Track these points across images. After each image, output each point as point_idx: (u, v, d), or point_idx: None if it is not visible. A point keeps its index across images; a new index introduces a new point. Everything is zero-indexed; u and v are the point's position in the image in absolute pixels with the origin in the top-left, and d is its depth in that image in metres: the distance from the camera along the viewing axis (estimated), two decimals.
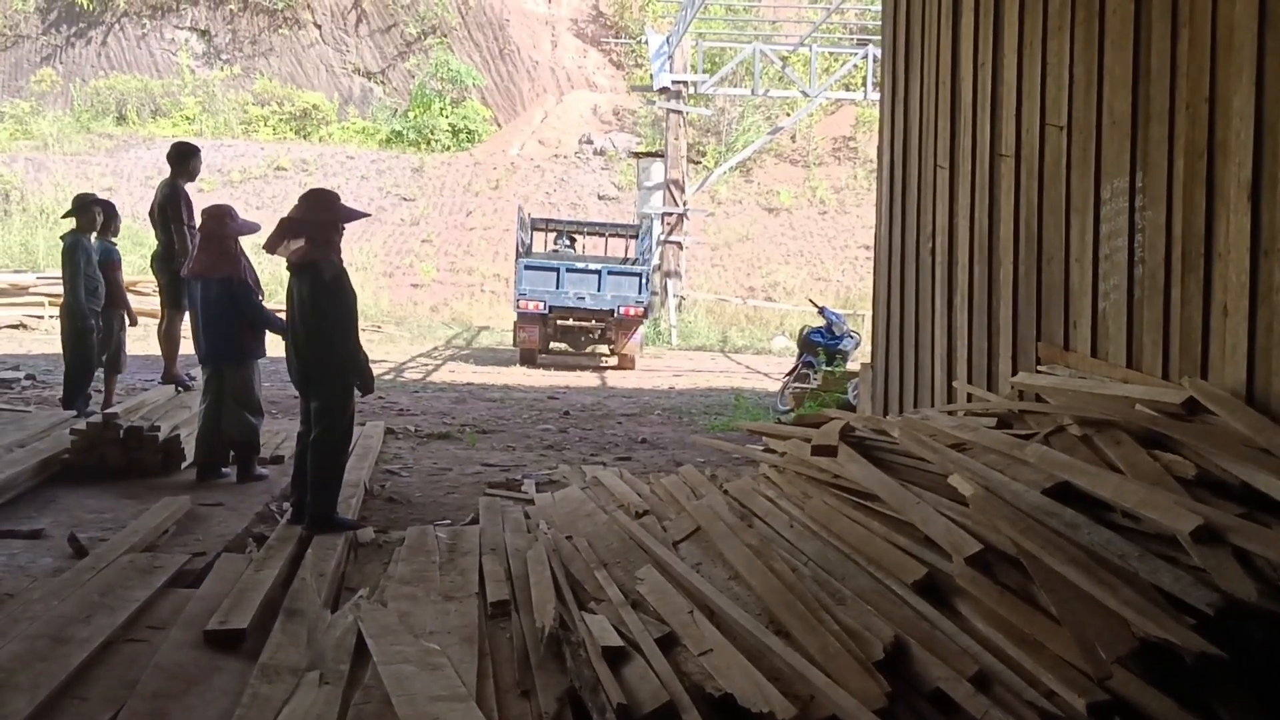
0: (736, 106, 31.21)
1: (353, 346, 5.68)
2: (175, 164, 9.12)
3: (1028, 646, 3.04)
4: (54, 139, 31.94)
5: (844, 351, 12.12)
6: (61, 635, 3.72)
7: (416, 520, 6.14)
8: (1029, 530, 3.32)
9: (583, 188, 30.47)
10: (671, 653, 3.55)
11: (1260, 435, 3.55)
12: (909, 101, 7.27)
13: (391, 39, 36.67)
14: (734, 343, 23.26)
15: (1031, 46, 5.57)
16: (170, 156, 9.19)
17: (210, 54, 36.78)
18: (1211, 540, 2.93)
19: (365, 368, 5.77)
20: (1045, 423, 4.42)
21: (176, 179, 9.04)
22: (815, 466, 4.81)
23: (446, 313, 25.79)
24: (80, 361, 8.82)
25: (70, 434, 6.87)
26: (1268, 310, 3.80)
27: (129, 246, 24.16)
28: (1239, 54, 3.97)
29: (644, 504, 5.67)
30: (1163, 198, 4.45)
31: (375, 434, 8.85)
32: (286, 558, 4.91)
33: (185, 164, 9.12)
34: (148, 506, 5.78)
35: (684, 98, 24.85)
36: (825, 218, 29.74)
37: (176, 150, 9.19)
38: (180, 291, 8.37)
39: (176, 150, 9.19)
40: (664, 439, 9.95)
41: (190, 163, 9.13)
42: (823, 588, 3.87)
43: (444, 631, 3.94)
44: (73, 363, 8.85)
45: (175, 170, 9.08)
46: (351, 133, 34.73)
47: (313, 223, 5.62)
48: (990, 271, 5.99)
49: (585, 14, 37.00)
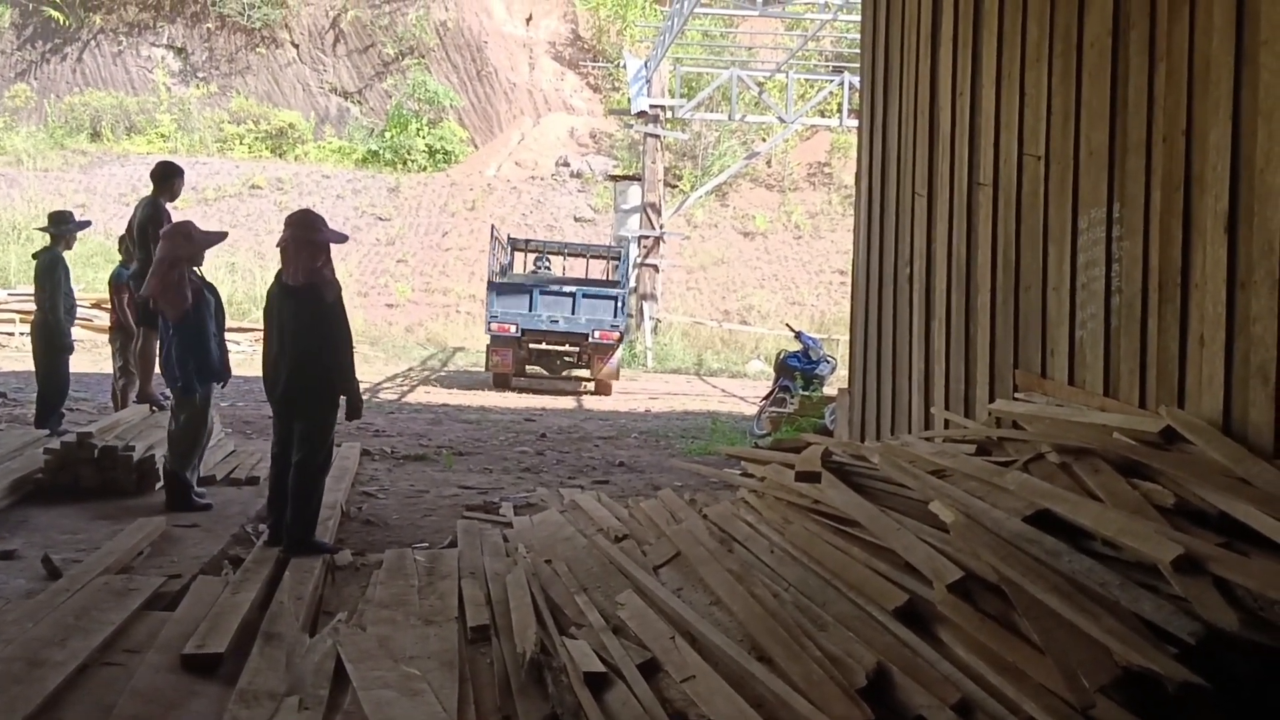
0: (713, 131, 31.42)
1: (351, 369, 5.66)
2: (158, 183, 9.05)
3: (1010, 674, 3.05)
4: (27, 155, 31.71)
5: (820, 376, 12.17)
6: (36, 658, 3.67)
7: (394, 543, 6.11)
8: (1010, 557, 3.34)
9: (559, 210, 30.52)
10: (654, 679, 3.54)
11: (1238, 465, 3.58)
12: (887, 129, 7.33)
13: (369, 59, 36.70)
14: (709, 366, 23.31)
15: (1009, 77, 5.63)
16: (154, 175, 9.12)
17: (186, 72, 36.69)
18: (1192, 569, 2.95)
19: (359, 392, 5.77)
20: (1024, 450, 4.45)
21: (158, 197, 8.98)
22: (795, 492, 4.82)
23: (421, 333, 25.72)
24: (54, 380, 8.74)
25: (44, 453, 6.79)
26: (1244, 341, 3.85)
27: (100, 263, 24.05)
28: (1216, 88, 4.03)
29: (623, 528, 5.65)
30: (1140, 228, 4.50)
31: (351, 455, 8.81)
32: (263, 580, 4.87)
33: (169, 183, 9.06)
34: (122, 527, 5.73)
35: (661, 122, 24.99)
36: (800, 242, 29.91)
37: (161, 169, 9.12)
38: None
39: (161, 169, 9.12)
40: (641, 462, 9.95)
41: (174, 182, 9.07)
42: (804, 614, 3.87)
43: (424, 656, 3.92)
44: (46, 381, 8.76)
45: (158, 189, 9.02)
46: (328, 152, 34.70)
47: (315, 243, 5.60)
48: (968, 298, 6.04)
49: (563, 37, 37.17)
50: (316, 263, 5.57)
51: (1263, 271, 3.75)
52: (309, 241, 5.59)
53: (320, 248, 5.62)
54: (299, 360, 5.57)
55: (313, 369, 5.57)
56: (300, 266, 5.55)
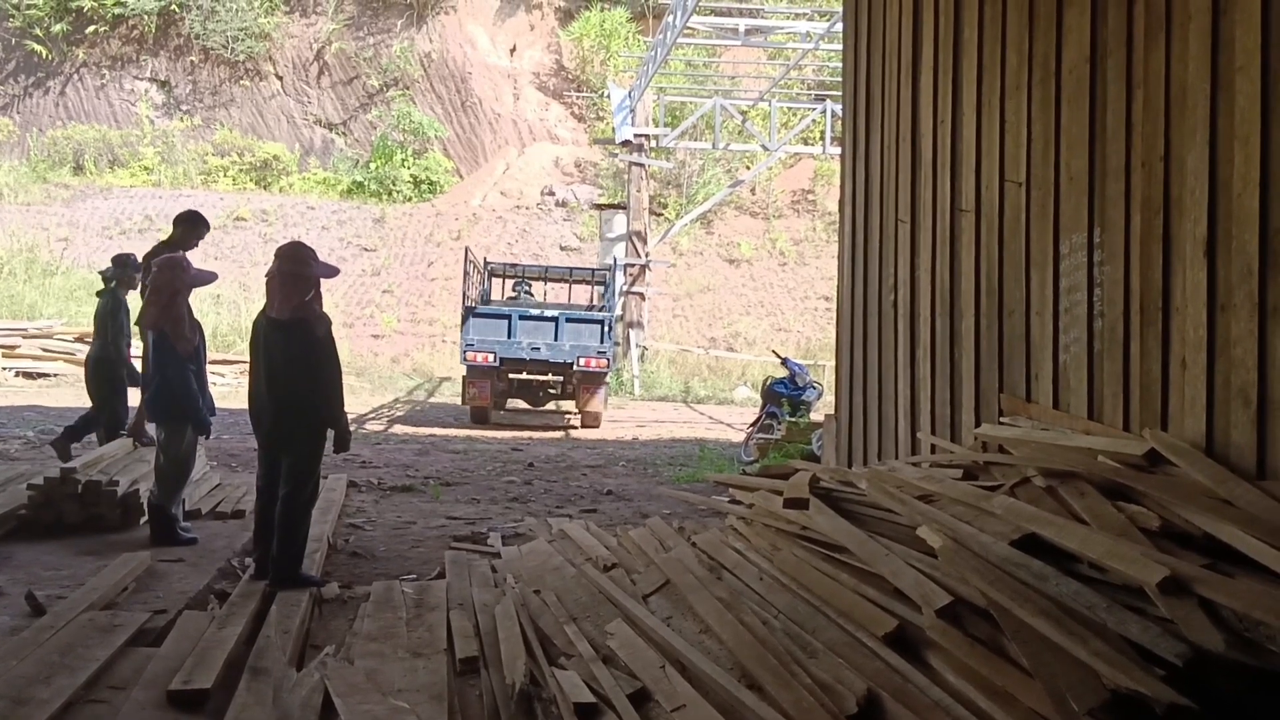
0: (697, 159, 31.56)
1: (340, 403, 5.65)
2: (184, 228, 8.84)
3: (999, 698, 3.06)
4: (9, 189, 31.63)
5: (807, 402, 12.21)
6: (21, 696, 3.64)
7: (381, 575, 6.08)
8: (998, 582, 3.35)
9: (545, 239, 30.57)
10: (644, 708, 3.54)
11: (1221, 486, 3.61)
12: (870, 157, 7.39)
13: (353, 90, 36.80)
14: (696, 393, 23.33)
15: (990, 105, 5.69)
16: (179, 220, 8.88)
17: (170, 104, 36.72)
18: (1178, 591, 2.97)
19: (347, 426, 5.76)
20: (1010, 474, 4.47)
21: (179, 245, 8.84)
22: (783, 518, 4.83)
23: (407, 363, 25.67)
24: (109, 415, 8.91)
25: (27, 489, 6.75)
26: (1225, 363, 3.88)
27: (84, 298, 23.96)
28: (1192, 114, 4.09)
29: (612, 557, 5.65)
30: (1120, 253, 4.55)
31: (338, 487, 8.77)
32: (250, 614, 4.83)
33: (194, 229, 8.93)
34: (106, 563, 5.69)
35: (646, 151, 25.11)
36: (785, 269, 30.01)
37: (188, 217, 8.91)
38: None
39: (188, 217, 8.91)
40: (629, 490, 9.94)
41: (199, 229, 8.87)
42: (794, 641, 3.87)
43: (413, 689, 3.90)
44: (99, 414, 8.98)
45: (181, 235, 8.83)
46: (312, 183, 34.71)
47: (304, 277, 5.59)
48: (952, 324, 6.08)
49: (547, 68, 37.35)
50: (304, 297, 5.56)
51: (1242, 294, 3.79)
52: (297, 275, 5.57)
53: (309, 282, 5.60)
54: (287, 394, 5.54)
55: (301, 403, 5.54)
56: (287, 299, 5.54)
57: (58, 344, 21.09)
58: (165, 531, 6.52)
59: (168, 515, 6.55)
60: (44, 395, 17.83)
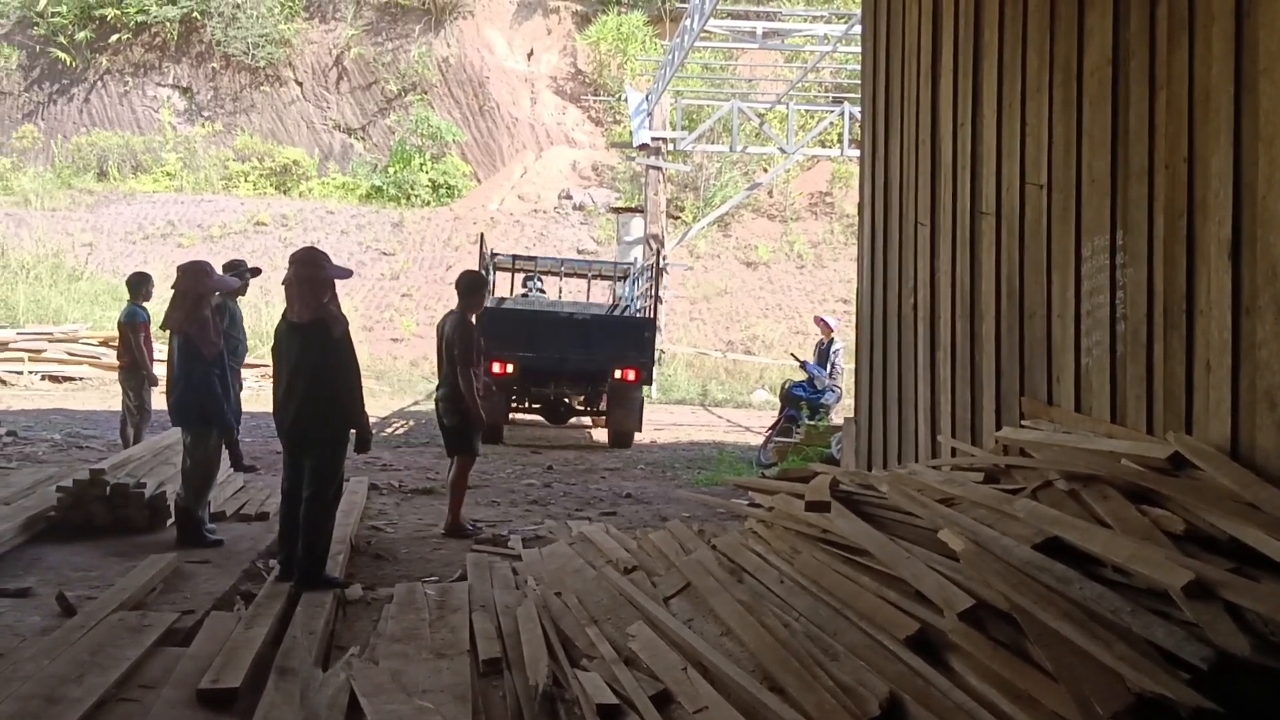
0: (715, 163, 31.57)
1: (360, 403, 5.70)
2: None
3: (1022, 702, 3.06)
4: (35, 195, 31.94)
5: (826, 405, 12.19)
6: (54, 695, 3.69)
7: (403, 577, 6.11)
8: (1021, 585, 3.35)
9: (562, 242, 30.64)
10: (666, 710, 3.55)
11: (1246, 490, 3.60)
12: (889, 159, 7.39)
13: (372, 96, 36.99)
14: (714, 396, 23.33)
15: (1010, 107, 5.69)
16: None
17: (192, 110, 37.00)
18: (1203, 595, 2.96)
19: (368, 426, 5.81)
20: (1032, 477, 4.46)
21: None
22: (804, 521, 4.83)
23: (426, 366, 25.73)
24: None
25: (56, 491, 6.82)
26: (1250, 366, 3.87)
27: (108, 302, 24.17)
28: (1216, 116, 4.08)
29: (632, 560, 5.66)
30: (1143, 255, 4.54)
31: (359, 490, 8.82)
32: (276, 615, 4.88)
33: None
34: (135, 564, 5.75)
35: (663, 154, 25.14)
36: (803, 272, 29.99)
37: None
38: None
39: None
40: (648, 494, 9.95)
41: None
42: (815, 643, 3.87)
43: (437, 690, 3.93)
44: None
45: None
46: (332, 188, 34.90)
47: (319, 280, 5.66)
48: (972, 327, 6.06)
49: (564, 72, 37.44)
50: (322, 299, 5.64)
51: (1267, 297, 3.78)
52: (313, 278, 5.65)
53: (324, 284, 5.68)
54: (308, 396, 5.61)
55: (322, 404, 5.61)
56: (305, 303, 5.62)
57: (83, 348, 21.28)
58: (191, 533, 6.58)
59: (194, 517, 6.61)
60: (70, 398, 17.99)
